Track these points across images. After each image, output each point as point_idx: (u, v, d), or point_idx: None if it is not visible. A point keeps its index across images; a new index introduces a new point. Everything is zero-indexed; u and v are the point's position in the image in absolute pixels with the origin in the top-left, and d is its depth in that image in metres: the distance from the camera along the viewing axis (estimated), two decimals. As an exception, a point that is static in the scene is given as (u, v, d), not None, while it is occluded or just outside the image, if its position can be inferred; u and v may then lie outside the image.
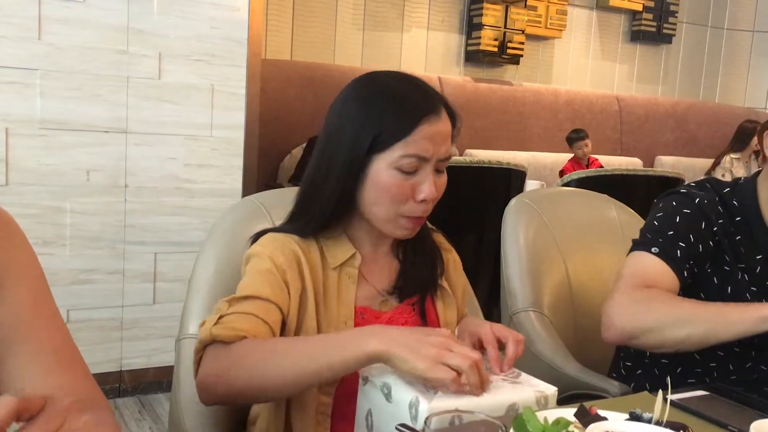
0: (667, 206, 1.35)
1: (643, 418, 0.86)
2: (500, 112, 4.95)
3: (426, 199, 1.05)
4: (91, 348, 2.77)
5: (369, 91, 1.07)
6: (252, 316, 0.99)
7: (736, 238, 1.32)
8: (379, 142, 1.03)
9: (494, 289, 1.86)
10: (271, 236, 1.09)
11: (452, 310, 1.19)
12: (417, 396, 0.85)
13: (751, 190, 1.34)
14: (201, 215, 2.89)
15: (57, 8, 2.57)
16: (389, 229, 1.09)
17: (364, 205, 1.08)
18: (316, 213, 1.08)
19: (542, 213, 1.71)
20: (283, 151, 4.12)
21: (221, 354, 0.97)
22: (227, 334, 0.97)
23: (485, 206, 2.88)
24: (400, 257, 1.17)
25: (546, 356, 1.49)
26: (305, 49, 4.44)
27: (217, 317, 0.99)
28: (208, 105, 2.86)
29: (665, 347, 1.23)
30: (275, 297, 1.03)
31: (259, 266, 1.05)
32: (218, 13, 2.83)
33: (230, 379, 0.95)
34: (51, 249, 2.65)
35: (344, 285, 1.10)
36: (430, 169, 1.05)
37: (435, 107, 1.05)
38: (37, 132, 2.59)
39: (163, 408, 2.83)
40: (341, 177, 1.05)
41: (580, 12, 5.46)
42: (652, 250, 1.29)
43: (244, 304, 1.01)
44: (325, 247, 1.10)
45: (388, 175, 1.04)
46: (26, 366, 0.78)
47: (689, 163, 5.56)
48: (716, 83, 6.29)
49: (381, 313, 1.12)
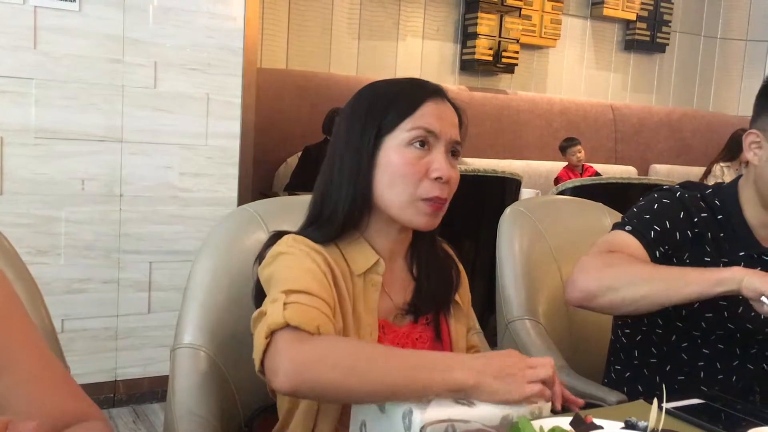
0: (648, 198, 1.39)
1: (638, 426, 0.86)
2: (495, 121, 4.96)
3: (441, 176, 1.04)
4: (86, 358, 2.75)
5: (373, 91, 1.10)
6: (316, 310, 0.94)
7: (719, 234, 1.33)
8: (385, 125, 1.04)
9: (489, 298, 1.86)
10: (296, 238, 1.05)
11: (462, 323, 1.19)
12: (410, 407, 0.85)
13: (732, 193, 1.36)
14: (196, 224, 2.89)
15: (52, 17, 2.57)
16: (408, 215, 1.05)
17: (380, 193, 1.05)
18: (334, 215, 1.06)
19: (537, 221, 1.71)
20: (278, 159, 4.12)
21: (307, 343, 0.91)
22: (304, 320, 0.91)
23: (480, 214, 2.89)
24: (415, 273, 1.15)
25: (541, 365, 1.49)
26: (301, 58, 4.45)
27: (282, 304, 0.93)
28: (203, 114, 2.86)
29: (623, 307, 1.23)
30: (326, 296, 0.98)
31: (302, 263, 1.00)
32: (214, 23, 2.84)
33: (323, 372, 0.89)
34: (45, 258, 2.65)
35: (369, 293, 1.08)
36: (443, 148, 1.05)
37: (438, 93, 1.08)
38: (32, 141, 2.59)
39: (158, 418, 2.81)
40: (353, 169, 1.05)
41: (574, 21, 5.49)
42: (626, 228, 1.32)
43: (303, 296, 0.95)
44: (346, 254, 1.08)
45: (398, 154, 1.04)
46: (9, 394, 0.76)
47: (684, 171, 5.58)
48: (710, 92, 6.32)
49: (398, 327, 1.11)
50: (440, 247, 1.20)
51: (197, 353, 1.19)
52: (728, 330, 1.32)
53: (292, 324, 0.91)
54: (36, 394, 0.77)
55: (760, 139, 1.31)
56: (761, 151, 1.30)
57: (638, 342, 1.44)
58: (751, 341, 1.34)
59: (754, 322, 1.29)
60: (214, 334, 1.20)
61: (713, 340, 1.34)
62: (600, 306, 1.26)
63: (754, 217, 1.33)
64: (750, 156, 1.33)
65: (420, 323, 1.14)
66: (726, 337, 1.33)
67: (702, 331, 1.34)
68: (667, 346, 1.39)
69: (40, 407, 0.76)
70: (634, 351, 1.45)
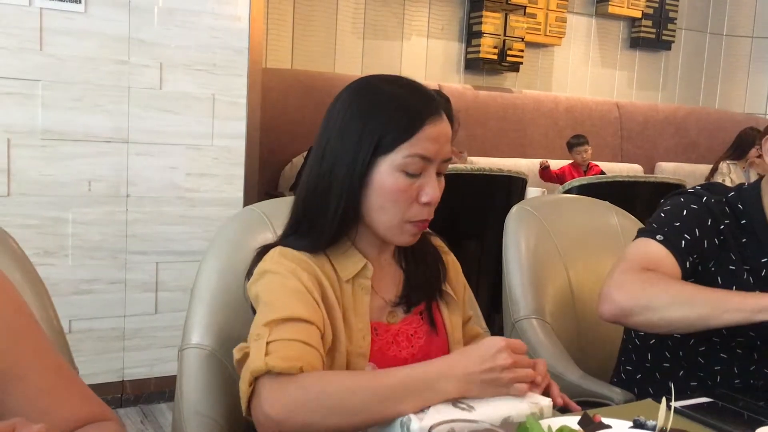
0: (675, 202, 1.36)
1: (647, 425, 0.86)
2: (500, 120, 4.95)
3: (430, 201, 1.04)
4: (93, 358, 2.76)
5: (370, 97, 1.06)
6: (300, 343, 0.95)
7: (742, 240, 1.32)
8: (383, 145, 1.02)
9: (496, 297, 1.86)
10: (283, 252, 1.05)
11: (457, 314, 1.19)
12: (408, 415, 0.85)
13: (755, 195, 1.34)
14: (203, 224, 2.89)
15: (58, 19, 2.58)
16: (394, 236, 1.07)
17: (369, 212, 1.05)
18: (324, 227, 1.05)
19: (543, 220, 1.71)
20: (284, 159, 4.12)
21: (288, 387, 0.92)
22: (285, 366, 0.92)
23: (486, 214, 2.88)
24: (403, 265, 1.16)
25: (548, 364, 1.48)
26: (306, 57, 4.45)
27: (264, 345, 0.94)
28: (209, 114, 2.87)
29: (660, 327, 1.22)
30: (312, 316, 0.99)
31: (286, 284, 1.01)
32: (219, 23, 2.84)
33: (305, 416, 0.91)
34: (52, 259, 2.66)
35: (359, 297, 1.08)
36: (434, 171, 1.04)
37: (436, 108, 1.05)
38: (39, 142, 2.60)
39: (166, 418, 2.82)
40: (345, 185, 1.03)
41: (579, 19, 5.47)
42: (657, 238, 1.29)
43: (286, 328, 0.96)
44: (334, 260, 1.08)
45: (393, 177, 1.02)
46: (22, 405, 0.77)
47: (690, 169, 5.56)
48: (716, 89, 6.29)
49: (391, 325, 1.11)
50: (427, 239, 1.20)
51: (205, 354, 1.19)
52: (748, 336, 1.31)
53: (274, 371, 0.92)
54: (49, 406, 0.78)
55: None
56: None
57: (652, 344, 1.43)
58: None
59: None
60: (221, 334, 1.21)
61: (732, 345, 1.33)
62: (635, 324, 1.25)
63: None
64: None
65: (414, 317, 1.13)
66: (745, 342, 1.32)
67: (722, 336, 1.32)
68: (683, 349, 1.38)
69: (53, 417, 0.77)
70: (647, 353, 1.44)
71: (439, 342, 1.15)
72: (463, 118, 4.71)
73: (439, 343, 1.15)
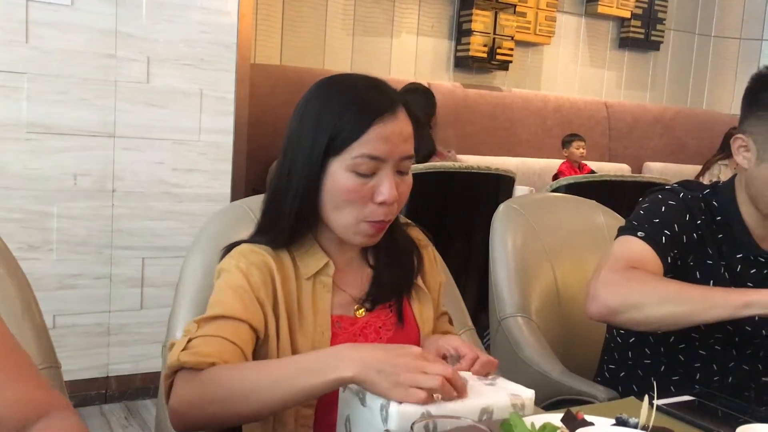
0: (653, 199, 1.38)
1: (629, 423, 0.86)
2: (489, 118, 4.96)
3: (386, 201, 1.03)
4: (78, 354, 2.74)
5: (326, 94, 1.06)
6: (221, 339, 0.98)
7: (718, 236, 1.34)
8: (334, 146, 1.02)
9: (482, 295, 1.86)
10: (243, 249, 1.08)
11: (428, 308, 1.18)
12: (388, 400, 0.86)
13: (729, 193, 1.36)
14: (189, 220, 2.88)
15: (44, 12, 2.56)
16: (350, 236, 1.07)
17: (325, 211, 1.06)
18: (283, 223, 1.07)
19: (530, 218, 1.71)
20: (271, 155, 4.09)
21: (192, 382, 0.95)
22: (195, 361, 0.95)
23: (474, 212, 2.89)
24: (372, 263, 1.16)
25: (533, 361, 1.50)
26: (295, 54, 4.44)
27: (185, 341, 0.97)
28: (196, 109, 2.85)
29: (647, 325, 1.24)
30: (246, 315, 1.01)
31: (231, 282, 1.04)
32: (207, 18, 2.83)
33: (203, 408, 0.94)
34: (37, 254, 2.63)
35: (319, 295, 1.08)
36: (389, 170, 1.03)
37: (390, 107, 1.03)
38: (24, 136, 2.57)
39: (150, 414, 2.81)
40: (301, 183, 1.04)
41: (568, 19, 5.49)
42: (638, 234, 1.31)
43: (213, 325, 0.99)
44: (297, 257, 1.09)
45: (345, 177, 1.02)
46: None
47: (677, 170, 5.59)
48: (704, 90, 6.33)
49: (357, 319, 1.11)
50: (401, 231, 1.18)
51: (189, 349, 1.18)
52: (727, 332, 1.32)
53: (186, 366, 0.95)
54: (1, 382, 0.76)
55: (747, 143, 1.31)
56: (749, 153, 1.31)
57: (633, 342, 1.44)
58: (748, 342, 1.34)
59: (752, 324, 1.30)
60: (205, 330, 1.20)
61: (711, 342, 1.35)
62: (621, 322, 1.26)
63: (750, 216, 1.34)
64: (740, 159, 1.33)
65: (383, 310, 1.13)
66: (724, 338, 1.34)
67: (701, 333, 1.34)
68: (663, 346, 1.40)
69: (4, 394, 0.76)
70: (629, 351, 1.45)
71: (408, 334, 1.14)
72: (452, 116, 4.72)
73: (409, 336, 1.14)
